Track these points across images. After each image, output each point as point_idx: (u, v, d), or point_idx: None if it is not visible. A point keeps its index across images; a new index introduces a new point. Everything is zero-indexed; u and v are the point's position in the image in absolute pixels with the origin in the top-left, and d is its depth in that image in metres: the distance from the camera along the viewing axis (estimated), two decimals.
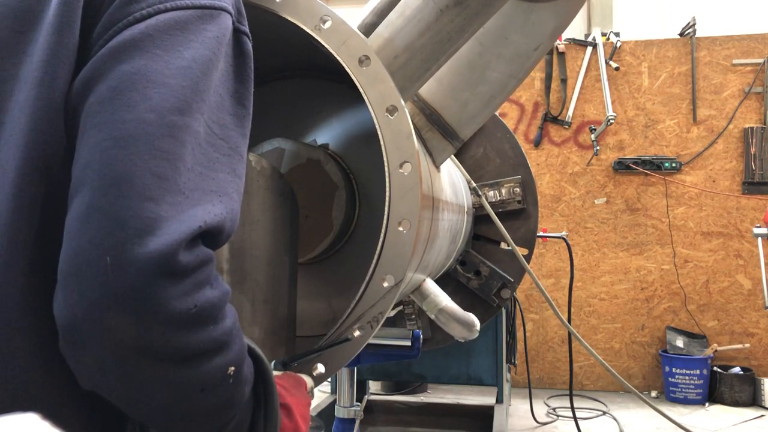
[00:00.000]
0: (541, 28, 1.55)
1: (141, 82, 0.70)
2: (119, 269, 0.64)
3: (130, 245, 0.64)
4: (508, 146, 2.84)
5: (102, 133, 0.68)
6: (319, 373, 1.17)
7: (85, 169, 0.68)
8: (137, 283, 0.64)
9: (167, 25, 0.74)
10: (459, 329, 1.68)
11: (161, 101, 0.70)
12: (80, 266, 0.64)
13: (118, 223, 0.64)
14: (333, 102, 1.75)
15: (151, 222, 0.65)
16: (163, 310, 0.65)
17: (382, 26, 1.33)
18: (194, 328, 0.68)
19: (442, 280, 2.65)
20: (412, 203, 1.16)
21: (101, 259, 0.64)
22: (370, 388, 4.17)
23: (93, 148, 0.68)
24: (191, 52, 0.74)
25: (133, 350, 0.65)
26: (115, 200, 0.65)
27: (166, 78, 0.71)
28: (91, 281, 0.64)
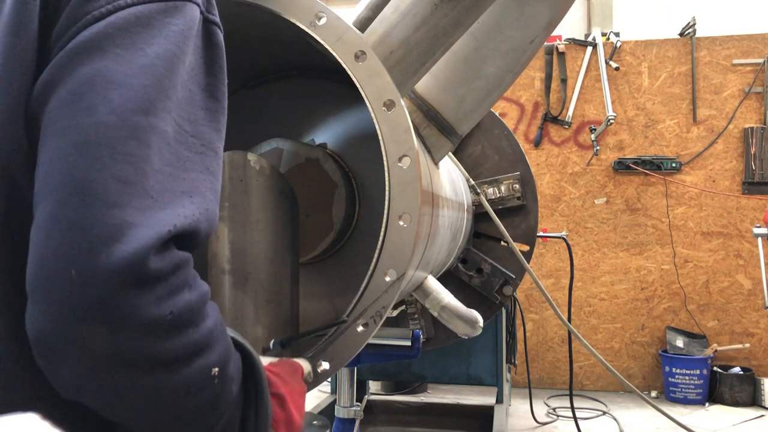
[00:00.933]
0: (536, 22, 1.55)
1: (101, 84, 0.67)
2: (86, 280, 0.62)
3: (96, 254, 0.62)
4: (506, 143, 2.84)
5: (62, 139, 0.66)
6: (323, 369, 1.16)
7: (47, 177, 0.66)
8: (105, 294, 0.62)
9: (128, 21, 0.71)
10: (462, 326, 1.68)
11: (123, 102, 0.67)
12: (46, 279, 0.63)
13: (82, 232, 0.62)
14: (331, 101, 1.74)
15: (117, 229, 0.63)
16: (135, 319, 0.63)
17: (377, 21, 1.33)
18: (172, 333, 0.66)
19: (444, 278, 2.65)
20: (412, 197, 1.16)
21: (66, 271, 0.62)
22: (370, 388, 4.17)
23: (53, 155, 0.66)
24: (154, 48, 0.71)
25: (108, 360, 0.64)
26: (77, 208, 0.63)
27: (128, 78, 0.68)
28: (58, 294, 0.62)
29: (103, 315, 0.63)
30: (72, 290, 0.62)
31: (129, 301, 0.63)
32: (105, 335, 0.63)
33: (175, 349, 0.67)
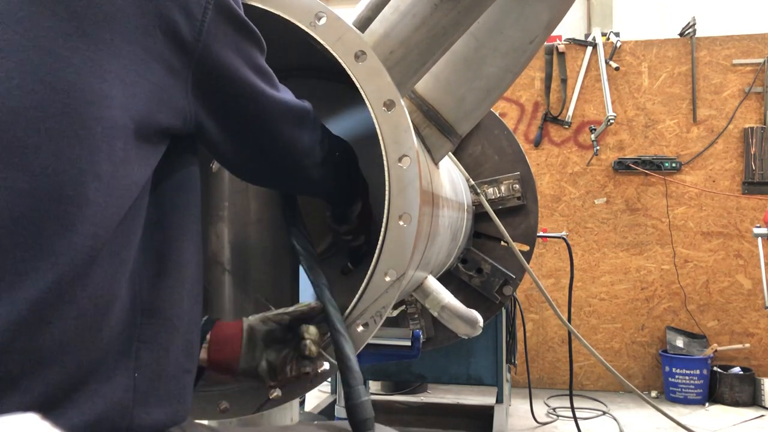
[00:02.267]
0: (536, 21, 1.55)
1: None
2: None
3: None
4: (506, 143, 2.84)
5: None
6: (323, 369, 1.17)
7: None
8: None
9: None
10: (462, 326, 1.68)
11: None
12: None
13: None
14: (330, 101, 1.74)
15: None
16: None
17: (377, 21, 1.33)
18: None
19: (444, 278, 2.65)
20: (412, 197, 1.16)
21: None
22: (370, 388, 4.17)
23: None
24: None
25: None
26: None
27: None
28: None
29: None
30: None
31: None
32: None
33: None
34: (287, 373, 1.12)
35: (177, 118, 0.90)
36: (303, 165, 1.19)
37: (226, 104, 0.99)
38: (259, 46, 1.04)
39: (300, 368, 1.13)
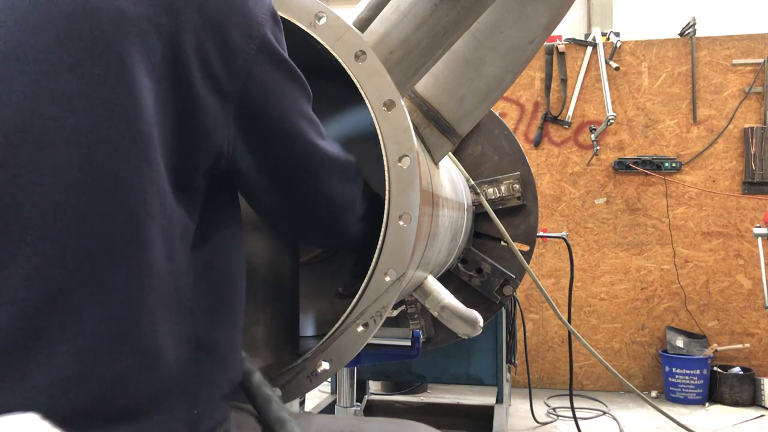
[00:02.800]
0: (536, 22, 1.55)
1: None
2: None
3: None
4: (506, 143, 2.84)
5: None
6: (323, 369, 1.16)
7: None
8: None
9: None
10: (462, 326, 1.67)
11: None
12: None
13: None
14: (330, 101, 1.74)
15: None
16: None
17: (377, 21, 1.33)
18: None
19: (444, 278, 2.65)
20: (412, 197, 1.15)
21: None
22: (370, 388, 4.17)
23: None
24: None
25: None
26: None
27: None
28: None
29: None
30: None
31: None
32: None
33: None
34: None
35: (216, 157, 0.90)
36: (341, 220, 1.15)
37: (269, 147, 0.97)
38: (306, 93, 1.03)
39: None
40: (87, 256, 0.73)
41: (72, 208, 0.73)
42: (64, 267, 0.72)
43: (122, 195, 0.75)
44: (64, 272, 0.72)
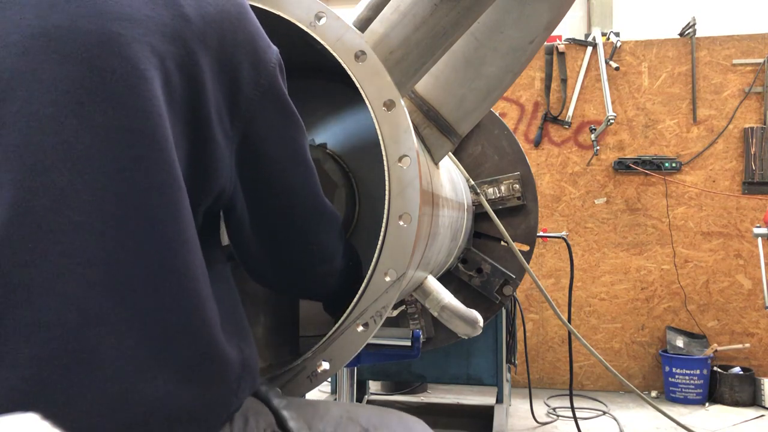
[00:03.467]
0: (536, 22, 1.55)
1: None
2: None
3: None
4: (506, 143, 2.84)
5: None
6: (323, 369, 1.16)
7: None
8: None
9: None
10: (462, 326, 1.67)
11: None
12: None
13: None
14: (330, 101, 1.74)
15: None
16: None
17: (377, 21, 1.32)
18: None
19: (444, 278, 2.65)
20: (412, 197, 1.15)
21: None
22: (370, 388, 4.17)
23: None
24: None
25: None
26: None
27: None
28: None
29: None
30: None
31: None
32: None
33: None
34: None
35: (218, 196, 0.93)
36: (320, 271, 1.17)
37: (264, 192, 0.99)
38: (305, 138, 1.05)
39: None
40: (126, 282, 0.76)
41: (112, 236, 0.76)
42: (106, 292, 0.74)
43: (157, 223, 0.78)
44: (106, 297, 0.75)
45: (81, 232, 0.74)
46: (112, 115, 0.77)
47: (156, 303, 0.78)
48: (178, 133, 0.83)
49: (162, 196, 0.79)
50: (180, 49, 0.83)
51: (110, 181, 0.76)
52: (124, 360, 0.75)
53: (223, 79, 0.88)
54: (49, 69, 0.77)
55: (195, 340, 0.82)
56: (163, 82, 0.81)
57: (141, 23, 0.81)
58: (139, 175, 0.77)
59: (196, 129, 0.86)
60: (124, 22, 0.80)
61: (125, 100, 0.78)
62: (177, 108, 0.83)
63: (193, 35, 0.85)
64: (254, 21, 0.97)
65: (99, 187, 0.75)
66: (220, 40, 0.88)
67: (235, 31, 0.91)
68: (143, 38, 0.80)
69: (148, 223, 0.78)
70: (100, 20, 0.79)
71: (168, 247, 0.79)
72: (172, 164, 0.80)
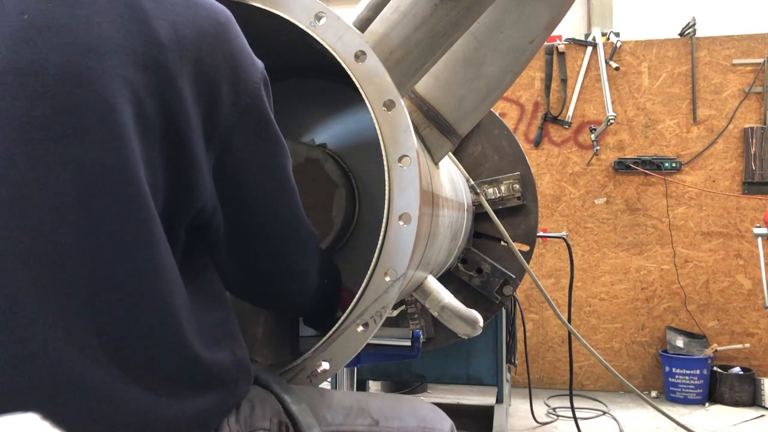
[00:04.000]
0: (536, 22, 1.55)
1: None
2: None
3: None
4: (506, 143, 2.84)
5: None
6: (323, 369, 1.16)
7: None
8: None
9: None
10: (462, 326, 1.67)
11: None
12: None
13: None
14: (330, 101, 1.74)
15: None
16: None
17: (377, 21, 1.32)
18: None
19: (444, 278, 2.65)
20: (412, 197, 1.15)
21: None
22: (370, 388, 4.17)
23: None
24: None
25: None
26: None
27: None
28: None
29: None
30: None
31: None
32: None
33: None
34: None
35: (199, 211, 0.94)
36: (292, 289, 1.18)
37: (241, 210, 1.00)
38: (288, 158, 1.05)
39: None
40: (106, 311, 0.79)
41: (91, 268, 0.78)
42: (87, 321, 0.77)
43: (131, 252, 0.81)
44: (88, 325, 0.77)
45: (59, 266, 0.76)
46: (83, 149, 0.78)
47: (136, 327, 0.81)
48: (154, 159, 0.84)
49: (133, 227, 0.81)
50: (154, 77, 0.83)
51: (86, 216, 0.78)
52: (109, 382, 0.77)
53: (201, 100, 0.88)
54: (20, 106, 0.77)
55: (178, 357, 0.84)
56: (135, 112, 0.81)
57: (112, 54, 0.81)
58: (111, 208, 0.79)
59: (175, 151, 0.86)
60: (94, 54, 0.80)
61: (96, 135, 0.78)
62: (153, 135, 0.83)
63: (167, 61, 0.85)
64: (236, 38, 0.96)
65: (75, 221, 0.77)
66: (197, 61, 0.88)
67: (213, 52, 0.90)
68: (114, 70, 0.81)
69: (121, 251, 0.80)
70: (70, 54, 0.79)
71: (143, 275, 0.81)
72: (142, 195, 0.81)
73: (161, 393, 0.82)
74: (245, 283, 1.14)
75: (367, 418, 1.10)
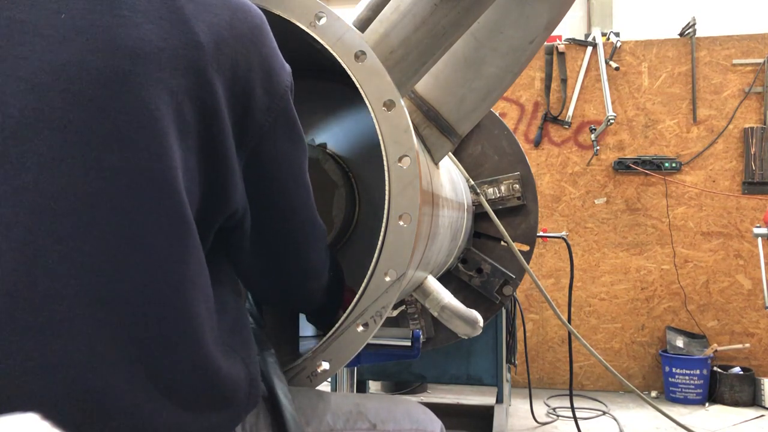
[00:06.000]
0: (536, 22, 1.55)
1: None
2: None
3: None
4: (506, 143, 2.84)
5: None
6: (323, 369, 1.16)
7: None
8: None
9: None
10: (462, 326, 1.67)
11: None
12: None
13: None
14: (330, 101, 1.74)
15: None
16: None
17: (377, 21, 1.32)
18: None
19: (444, 278, 2.65)
20: (412, 197, 1.15)
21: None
22: (370, 388, 4.17)
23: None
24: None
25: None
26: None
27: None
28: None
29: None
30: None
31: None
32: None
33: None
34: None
35: (231, 215, 0.94)
36: (310, 288, 1.18)
37: (267, 211, 1.00)
38: (307, 159, 1.06)
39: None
40: (133, 322, 0.76)
41: (120, 279, 0.75)
42: (113, 332, 0.75)
43: (165, 266, 0.78)
44: (113, 336, 0.75)
45: (88, 275, 0.74)
46: (122, 157, 0.76)
47: (161, 340, 0.78)
48: (192, 164, 0.82)
49: (169, 238, 0.79)
50: (192, 80, 0.82)
51: (118, 225, 0.75)
52: (135, 396, 0.76)
53: (236, 103, 0.87)
54: (58, 108, 0.75)
55: (200, 374, 0.83)
56: (174, 117, 0.80)
57: (152, 58, 0.79)
58: (148, 217, 0.77)
59: (211, 156, 0.85)
60: (134, 58, 0.78)
61: (135, 142, 0.76)
62: (191, 140, 0.82)
63: (206, 63, 0.83)
64: (270, 41, 0.95)
65: (107, 230, 0.75)
66: (233, 64, 0.86)
67: (249, 55, 0.89)
68: (154, 74, 0.78)
69: (155, 265, 0.78)
70: (109, 57, 0.77)
71: (174, 288, 0.79)
72: (181, 204, 0.79)
73: (182, 410, 0.80)
74: (265, 284, 1.13)
75: (365, 422, 1.10)
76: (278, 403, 1.02)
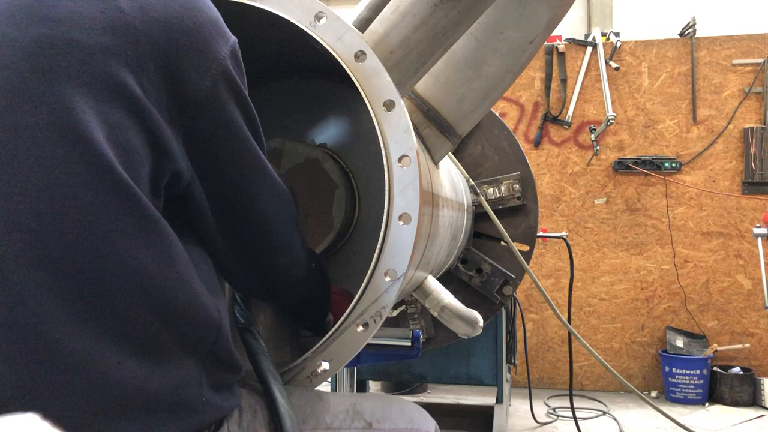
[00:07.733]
0: (536, 22, 1.55)
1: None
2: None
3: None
4: (506, 143, 2.84)
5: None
6: (323, 369, 1.16)
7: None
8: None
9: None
10: (462, 326, 1.68)
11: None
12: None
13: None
14: (330, 101, 1.74)
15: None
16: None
17: (377, 22, 1.32)
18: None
19: (444, 278, 2.65)
20: (412, 197, 1.15)
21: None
22: (370, 388, 4.17)
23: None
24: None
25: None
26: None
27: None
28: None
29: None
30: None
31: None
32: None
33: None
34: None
35: (174, 175, 0.93)
36: (284, 263, 1.16)
37: (218, 178, 0.99)
38: (260, 138, 1.05)
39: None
40: (74, 277, 0.77)
41: (51, 233, 0.77)
42: (49, 291, 0.76)
43: (90, 217, 0.79)
44: (56, 292, 0.76)
45: (21, 233, 0.76)
46: (34, 112, 0.79)
47: (103, 292, 0.79)
48: (116, 120, 0.83)
49: (93, 189, 0.80)
50: (121, 47, 0.84)
51: (39, 181, 0.77)
52: (88, 350, 0.77)
53: (166, 76, 0.88)
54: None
55: (156, 316, 0.83)
56: (90, 78, 0.82)
57: (68, 21, 0.83)
58: (67, 170, 0.78)
59: (142, 119, 0.86)
60: (49, 22, 0.82)
61: (44, 98, 0.80)
62: (109, 95, 0.83)
63: (135, 35, 0.85)
64: (203, 13, 0.95)
65: (30, 187, 0.77)
66: (163, 38, 0.88)
67: (180, 29, 0.90)
68: (69, 34, 0.82)
69: (81, 216, 0.79)
70: (25, 26, 0.82)
71: (106, 237, 0.80)
72: (101, 155, 0.80)
73: (140, 364, 0.81)
74: (239, 268, 1.12)
75: (361, 421, 1.12)
76: (274, 401, 1.02)
